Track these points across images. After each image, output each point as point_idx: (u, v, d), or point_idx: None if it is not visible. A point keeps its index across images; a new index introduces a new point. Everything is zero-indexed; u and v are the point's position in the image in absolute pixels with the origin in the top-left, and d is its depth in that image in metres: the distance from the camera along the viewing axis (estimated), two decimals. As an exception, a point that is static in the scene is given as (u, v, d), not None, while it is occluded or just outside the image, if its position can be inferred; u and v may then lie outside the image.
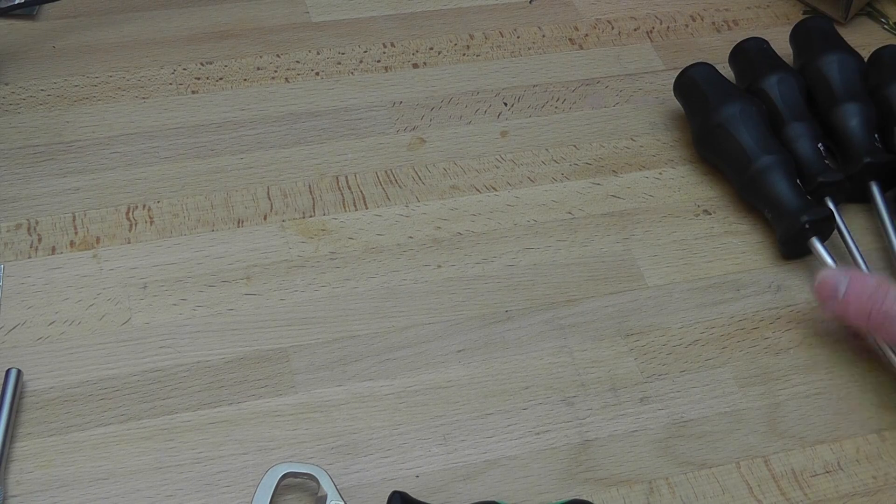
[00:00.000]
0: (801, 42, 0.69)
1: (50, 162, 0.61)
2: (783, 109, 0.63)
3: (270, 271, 0.57)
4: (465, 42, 0.71)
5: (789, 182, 0.60)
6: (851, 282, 0.55)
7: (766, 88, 0.64)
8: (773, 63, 0.66)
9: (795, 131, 0.62)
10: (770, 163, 0.60)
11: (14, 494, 0.48)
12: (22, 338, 0.53)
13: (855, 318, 0.55)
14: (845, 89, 0.64)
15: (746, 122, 0.61)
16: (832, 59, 0.65)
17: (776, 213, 0.60)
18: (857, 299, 0.55)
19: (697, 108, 0.64)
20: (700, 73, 0.65)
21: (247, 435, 0.51)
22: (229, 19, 0.70)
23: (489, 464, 0.51)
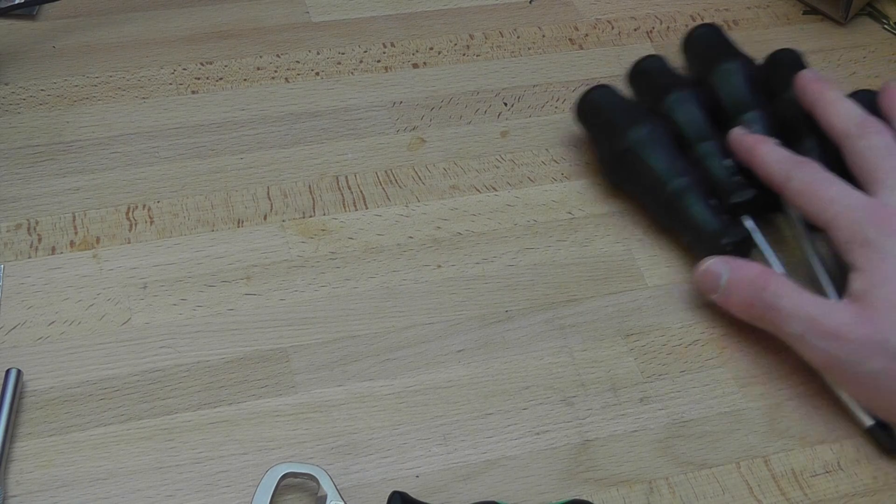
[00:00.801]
0: (691, 54, 0.67)
1: (50, 162, 0.61)
2: (687, 129, 0.60)
3: (270, 271, 0.57)
4: (465, 42, 0.71)
5: (704, 204, 0.58)
6: (733, 272, 0.55)
7: (667, 108, 0.61)
8: (672, 81, 0.63)
9: (703, 151, 0.60)
10: (683, 185, 0.58)
11: (14, 494, 0.48)
12: (22, 338, 0.53)
13: (737, 310, 0.55)
14: (741, 100, 0.62)
15: (656, 145, 0.59)
16: (723, 70, 0.63)
17: (695, 238, 0.58)
18: (738, 290, 0.55)
19: (603, 132, 0.61)
20: (602, 95, 0.62)
21: (247, 435, 0.51)
22: (229, 19, 0.70)
23: (489, 464, 0.51)
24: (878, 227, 0.52)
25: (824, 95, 0.59)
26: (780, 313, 0.53)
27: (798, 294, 0.53)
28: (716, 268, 0.56)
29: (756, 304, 0.54)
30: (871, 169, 0.55)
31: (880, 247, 0.52)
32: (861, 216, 0.53)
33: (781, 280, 0.54)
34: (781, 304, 0.53)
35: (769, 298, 0.53)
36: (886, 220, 0.52)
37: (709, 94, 0.62)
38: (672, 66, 0.64)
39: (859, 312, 0.51)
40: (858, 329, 0.51)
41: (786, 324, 0.53)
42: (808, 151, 0.58)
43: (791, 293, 0.53)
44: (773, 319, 0.54)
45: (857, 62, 0.72)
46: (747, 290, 0.54)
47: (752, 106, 0.61)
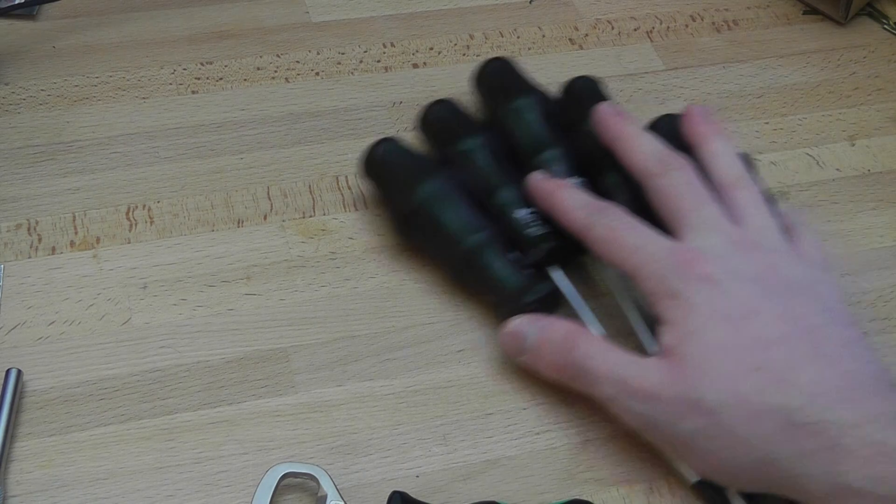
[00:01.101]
0: (483, 92, 0.63)
1: (50, 162, 0.61)
2: (480, 179, 0.57)
3: (270, 271, 0.57)
4: (465, 42, 0.71)
5: (504, 260, 0.54)
6: (539, 332, 0.51)
7: (459, 158, 0.57)
8: (462, 127, 0.59)
9: (500, 200, 0.56)
10: (480, 242, 0.54)
11: (14, 494, 0.48)
12: (22, 338, 0.53)
13: (546, 373, 0.52)
14: (537, 139, 0.58)
15: (447, 201, 0.55)
16: (515, 108, 0.59)
17: (497, 297, 0.54)
18: (546, 352, 0.51)
19: (391, 191, 0.57)
20: (387, 151, 0.58)
21: (247, 435, 0.51)
22: (229, 19, 0.70)
23: (489, 464, 0.51)
24: (683, 275, 0.49)
25: (623, 131, 0.55)
26: (590, 375, 0.50)
27: (608, 353, 0.50)
28: (521, 328, 0.52)
29: (565, 366, 0.51)
30: (674, 209, 0.52)
31: (686, 297, 0.48)
32: (665, 265, 0.49)
33: (591, 338, 0.51)
34: (592, 366, 0.50)
35: (578, 360, 0.50)
36: (691, 266, 0.49)
37: (503, 135, 0.59)
38: (463, 108, 0.61)
39: (671, 369, 0.48)
40: (671, 388, 0.47)
41: (597, 386, 0.50)
42: (613, 188, 0.55)
43: (601, 353, 0.50)
44: (584, 382, 0.50)
45: (857, 62, 0.72)
46: (555, 352, 0.51)
47: (549, 144, 0.58)
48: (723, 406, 0.46)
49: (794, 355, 0.47)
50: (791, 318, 0.48)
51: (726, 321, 0.48)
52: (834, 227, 0.62)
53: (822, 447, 0.45)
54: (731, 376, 0.47)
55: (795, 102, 0.69)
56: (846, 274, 0.60)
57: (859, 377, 0.47)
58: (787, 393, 0.46)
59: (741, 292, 0.49)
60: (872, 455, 0.44)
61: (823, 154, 0.66)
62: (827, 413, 0.45)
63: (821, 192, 0.64)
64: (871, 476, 0.44)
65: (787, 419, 0.46)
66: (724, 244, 0.50)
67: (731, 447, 0.47)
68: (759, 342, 0.47)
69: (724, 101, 0.69)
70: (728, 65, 0.71)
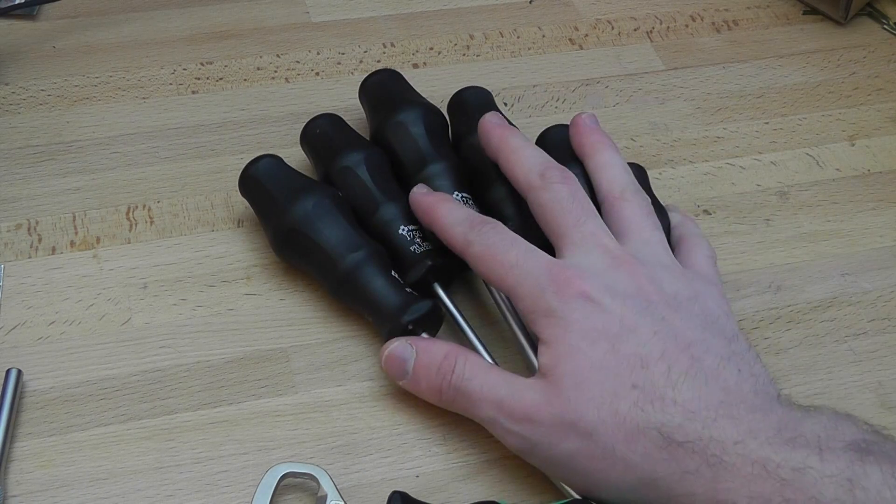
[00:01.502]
0: (367, 106, 0.61)
1: (50, 162, 0.61)
2: (363, 196, 0.55)
3: (270, 271, 0.57)
4: (465, 42, 0.71)
5: (384, 278, 0.52)
6: (418, 356, 0.50)
7: (340, 174, 0.56)
8: (345, 142, 0.58)
9: (381, 218, 0.55)
10: (358, 261, 0.53)
11: (14, 494, 0.48)
12: (22, 338, 0.53)
13: (426, 396, 0.51)
14: (420, 154, 0.57)
15: (323, 219, 0.53)
16: (397, 123, 0.57)
17: (377, 316, 0.53)
18: (425, 376, 0.50)
19: (267, 210, 0.55)
20: (263, 169, 0.56)
21: (247, 435, 0.51)
22: (229, 19, 0.70)
23: (489, 464, 0.51)
24: (559, 293, 0.48)
25: (507, 142, 0.54)
26: (468, 398, 0.49)
27: (486, 375, 0.49)
28: (400, 352, 0.51)
29: (444, 390, 0.50)
30: (555, 224, 0.51)
31: (562, 316, 0.47)
32: (542, 283, 0.48)
33: (470, 360, 0.50)
34: (469, 388, 0.49)
35: (456, 382, 0.49)
36: (567, 285, 0.48)
37: (387, 150, 0.57)
38: (345, 123, 0.59)
39: (547, 390, 0.47)
40: (548, 409, 0.47)
41: (476, 409, 0.49)
42: (500, 201, 0.55)
43: (479, 374, 0.49)
44: (463, 405, 0.49)
45: (857, 62, 0.72)
46: (434, 377, 0.50)
47: (434, 159, 0.56)
48: (600, 426, 0.46)
49: (672, 372, 0.46)
50: (670, 334, 0.47)
51: (603, 339, 0.47)
52: (834, 227, 0.62)
53: (703, 465, 0.44)
54: (607, 396, 0.46)
55: (795, 102, 0.69)
56: (846, 274, 0.60)
57: (740, 392, 0.46)
58: (665, 411, 0.45)
59: (618, 309, 0.48)
60: (754, 473, 0.43)
61: (823, 154, 0.66)
62: (707, 430, 0.45)
63: (821, 192, 0.64)
64: (755, 494, 0.43)
65: (667, 437, 0.45)
66: (603, 260, 0.49)
67: (610, 468, 0.46)
68: (637, 360, 0.47)
69: (724, 101, 0.69)
70: (728, 65, 0.71)
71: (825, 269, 0.60)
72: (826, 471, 0.42)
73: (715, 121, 0.67)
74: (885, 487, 0.42)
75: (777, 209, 0.63)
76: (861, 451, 0.43)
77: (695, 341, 0.47)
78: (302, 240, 0.54)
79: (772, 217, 0.62)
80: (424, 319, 0.52)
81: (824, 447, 0.43)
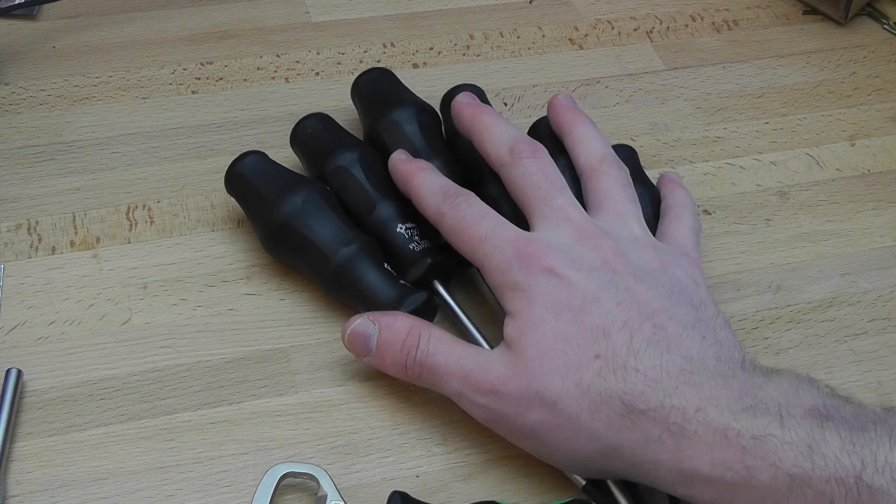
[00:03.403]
0: (360, 105, 0.61)
1: (50, 162, 0.61)
2: (358, 195, 0.55)
3: (270, 271, 0.57)
4: (465, 42, 0.71)
5: (377, 271, 0.52)
6: (381, 332, 0.50)
7: (334, 174, 0.56)
8: (337, 142, 0.57)
9: (378, 217, 0.55)
10: (351, 254, 0.53)
11: (14, 494, 0.48)
12: (22, 338, 0.53)
13: (392, 372, 0.51)
14: (415, 151, 0.56)
15: (314, 214, 0.53)
16: (391, 121, 0.57)
17: (372, 310, 0.52)
18: (390, 351, 0.50)
19: (256, 208, 0.55)
20: (249, 166, 0.56)
21: (247, 435, 0.51)
22: (229, 19, 0.70)
23: (489, 464, 0.51)
24: (525, 267, 0.49)
25: (478, 120, 0.55)
26: (434, 372, 0.49)
27: (452, 348, 0.49)
28: (363, 329, 0.50)
29: (409, 365, 0.50)
30: (525, 198, 0.52)
31: (527, 289, 0.48)
32: (509, 256, 0.49)
33: (434, 334, 0.50)
34: (434, 362, 0.49)
35: (421, 358, 0.49)
36: (533, 259, 0.49)
37: (381, 149, 0.57)
38: (336, 123, 0.59)
39: (513, 362, 0.48)
40: (513, 381, 0.47)
41: (443, 383, 0.49)
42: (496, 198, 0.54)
43: (444, 348, 0.49)
44: (429, 379, 0.50)
45: (857, 62, 0.72)
46: (398, 352, 0.50)
47: (428, 156, 0.56)
48: (564, 396, 0.46)
49: (634, 341, 0.47)
50: (633, 304, 0.48)
51: (567, 311, 0.48)
52: (834, 227, 0.62)
53: (665, 433, 0.45)
54: (571, 366, 0.47)
55: (795, 102, 0.69)
56: (846, 274, 0.60)
57: (703, 359, 0.47)
58: (626, 379, 0.46)
59: (582, 282, 0.48)
60: (716, 440, 0.44)
61: (823, 154, 0.66)
62: (669, 398, 0.45)
63: (821, 192, 0.64)
64: (716, 461, 0.44)
65: (629, 406, 0.46)
66: (570, 234, 0.50)
67: (575, 437, 0.47)
68: (600, 330, 0.47)
69: (724, 101, 0.69)
70: (728, 65, 0.71)
71: (825, 269, 0.60)
72: (786, 438, 0.43)
73: (715, 121, 0.67)
74: (844, 453, 0.42)
75: (777, 209, 0.63)
76: (821, 416, 0.43)
77: (658, 310, 0.48)
78: (293, 236, 0.54)
79: (772, 217, 0.62)
80: (420, 311, 0.52)
81: (785, 414, 0.44)
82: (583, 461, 0.48)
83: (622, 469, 0.47)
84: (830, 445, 0.42)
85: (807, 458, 0.42)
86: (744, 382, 0.46)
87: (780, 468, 0.43)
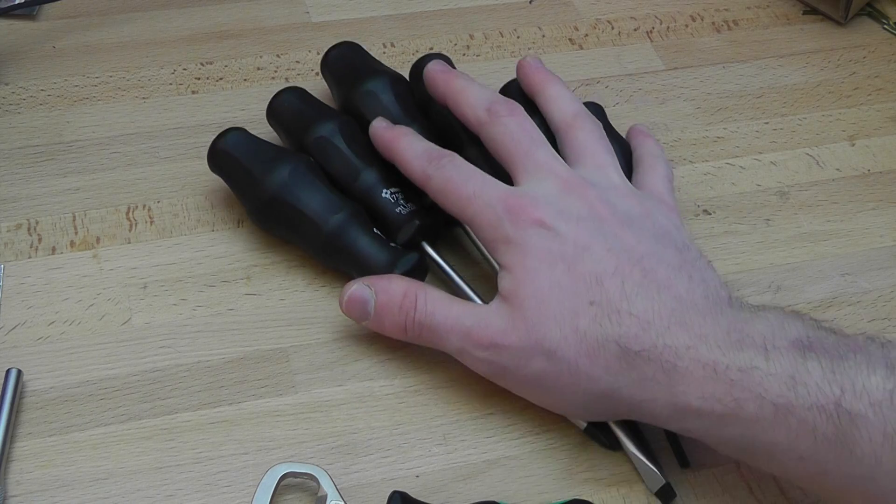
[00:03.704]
0: (331, 79, 0.62)
1: (50, 162, 0.61)
2: (341, 164, 0.56)
3: (270, 271, 0.57)
4: (465, 42, 0.71)
5: (368, 236, 0.54)
6: (379, 296, 0.51)
7: (315, 145, 0.57)
8: (316, 113, 0.58)
9: (363, 184, 0.56)
10: (342, 221, 0.54)
11: (14, 494, 0.48)
12: (22, 338, 0.53)
13: (393, 334, 0.52)
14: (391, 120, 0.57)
15: (301, 185, 0.54)
16: (366, 91, 0.59)
17: (366, 274, 0.53)
18: (388, 314, 0.51)
19: (243, 183, 0.56)
20: (232, 142, 0.56)
21: (247, 435, 0.51)
22: (229, 19, 0.70)
23: (489, 464, 0.51)
24: (515, 222, 0.50)
25: (451, 85, 0.56)
26: (435, 331, 0.51)
27: (449, 306, 0.51)
28: (360, 294, 0.52)
29: (409, 326, 0.51)
30: (507, 155, 0.53)
31: (520, 242, 0.50)
32: (498, 212, 0.51)
33: (431, 294, 0.51)
34: (434, 322, 0.51)
35: (420, 318, 0.51)
36: (522, 212, 0.50)
37: (357, 119, 0.58)
38: (311, 96, 0.60)
39: (511, 315, 0.49)
40: (513, 333, 0.49)
41: (444, 341, 0.51)
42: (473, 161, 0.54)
43: (442, 307, 0.51)
44: (430, 339, 0.51)
45: (857, 62, 0.72)
46: (397, 315, 0.51)
47: (404, 122, 0.58)
48: (563, 343, 0.48)
49: (626, 285, 0.48)
50: (622, 250, 0.50)
51: (560, 261, 0.49)
52: (834, 227, 0.62)
53: (659, 371, 0.47)
54: (567, 314, 0.48)
55: (795, 102, 0.69)
56: (846, 274, 0.60)
57: (691, 299, 0.48)
58: (621, 323, 0.48)
59: (572, 232, 0.50)
60: (706, 375, 0.46)
61: (823, 154, 0.66)
62: (661, 338, 0.47)
63: (821, 192, 0.64)
64: (707, 395, 0.46)
65: (625, 348, 0.47)
66: (556, 187, 0.52)
67: (576, 383, 0.48)
68: (593, 277, 0.49)
69: (724, 101, 0.69)
70: (728, 65, 0.71)
71: (825, 269, 0.60)
72: (771, 369, 0.45)
73: (715, 121, 0.67)
74: (825, 382, 0.44)
75: (777, 209, 0.63)
76: (803, 347, 0.45)
77: (646, 254, 0.50)
78: (283, 208, 0.55)
79: (772, 217, 0.62)
80: (413, 271, 0.54)
81: (769, 346, 0.45)
82: (583, 405, 0.49)
83: (622, 409, 0.49)
84: (812, 375, 0.44)
85: (790, 388, 0.44)
86: (731, 319, 0.47)
87: (765, 399, 0.44)
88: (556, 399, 0.50)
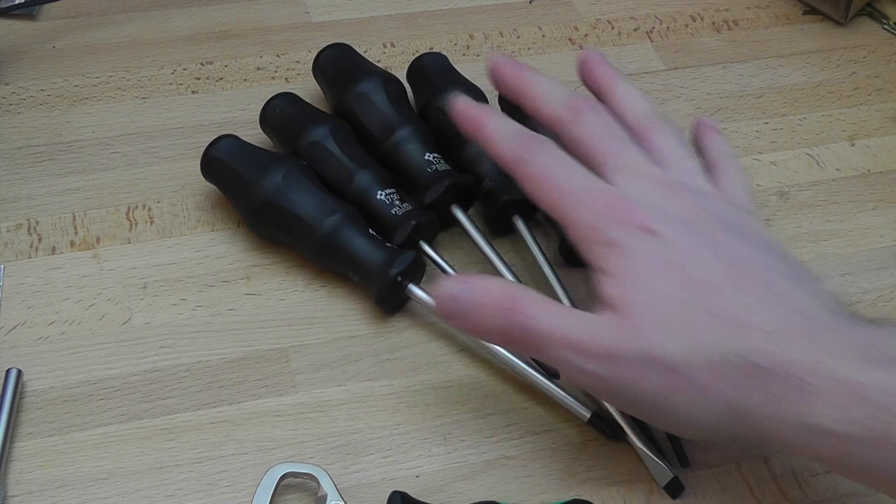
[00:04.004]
0: (322, 81, 0.62)
1: (50, 162, 0.61)
2: (335, 167, 0.56)
3: (270, 271, 0.57)
4: (465, 42, 0.71)
5: (364, 237, 0.54)
6: (475, 293, 0.48)
7: (308, 149, 0.57)
8: (307, 118, 0.58)
9: (358, 186, 0.56)
10: (337, 223, 0.54)
11: (14, 494, 0.48)
12: (22, 338, 0.53)
13: (488, 337, 0.49)
14: (386, 121, 0.58)
15: (295, 188, 0.54)
16: (358, 94, 0.59)
17: (363, 274, 0.54)
18: (483, 315, 0.47)
19: (236, 189, 0.56)
20: (225, 149, 0.57)
21: (247, 435, 0.51)
22: (229, 19, 0.70)
23: (489, 464, 0.51)
24: (619, 224, 0.47)
25: (524, 79, 0.53)
26: (538, 338, 0.46)
27: (553, 312, 0.47)
28: (453, 290, 0.48)
29: (510, 329, 0.47)
30: (597, 154, 0.49)
31: (626, 246, 0.46)
32: (599, 211, 0.47)
33: (531, 296, 0.47)
34: (538, 328, 0.46)
35: (522, 321, 0.46)
36: (626, 215, 0.47)
37: (351, 121, 0.58)
38: (304, 101, 0.60)
39: (622, 324, 0.45)
40: (626, 344, 0.45)
41: (547, 349, 0.46)
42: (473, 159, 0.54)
43: (546, 312, 0.46)
44: (530, 346, 0.47)
45: (857, 62, 0.72)
46: (495, 315, 0.47)
47: (400, 124, 0.58)
48: (681, 358, 0.44)
49: (745, 296, 0.45)
50: (732, 259, 0.46)
51: (670, 269, 0.46)
52: (834, 227, 0.62)
53: (790, 389, 0.43)
54: (685, 326, 0.45)
55: (795, 102, 0.69)
56: (846, 274, 0.60)
57: (813, 311, 0.45)
58: (743, 335, 0.44)
59: (678, 238, 0.46)
60: (841, 394, 0.42)
61: (823, 154, 0.66)
62: (789, 352, 0.43)
63: (821, 192, 0.64)
64: (843, 417, 0.42)
65: (749, 362, 0.43)
66: (654, 189, 0.48)
67: (695, 400, 0.45)
68: (707, 286, 0.45)
69: (724, 101, 0.69)
70: (728, 65, 0.71)
71: (825, 269, 0.60)
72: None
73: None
74: None
75: (777, 209, 0.63)
76: None
77: (756, 263, 0.46)
78: (277, 212, 0.55)
79: (772, 217, 0.62)
80: (410, 270, 0.54)
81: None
82: (704, 426, 0.45)
83: (742, 430, 0.45)
84: None
85: None
86: (861, 333, 0.44)
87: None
88: (673, 418, 0.46)
